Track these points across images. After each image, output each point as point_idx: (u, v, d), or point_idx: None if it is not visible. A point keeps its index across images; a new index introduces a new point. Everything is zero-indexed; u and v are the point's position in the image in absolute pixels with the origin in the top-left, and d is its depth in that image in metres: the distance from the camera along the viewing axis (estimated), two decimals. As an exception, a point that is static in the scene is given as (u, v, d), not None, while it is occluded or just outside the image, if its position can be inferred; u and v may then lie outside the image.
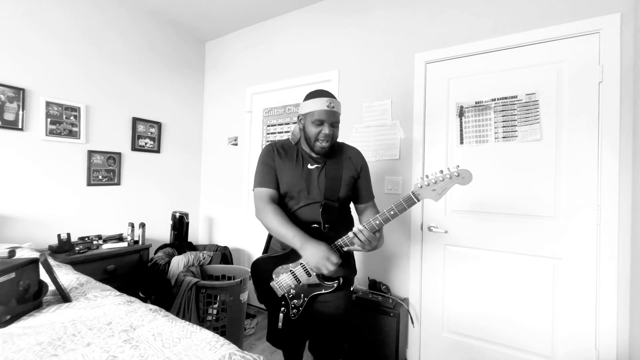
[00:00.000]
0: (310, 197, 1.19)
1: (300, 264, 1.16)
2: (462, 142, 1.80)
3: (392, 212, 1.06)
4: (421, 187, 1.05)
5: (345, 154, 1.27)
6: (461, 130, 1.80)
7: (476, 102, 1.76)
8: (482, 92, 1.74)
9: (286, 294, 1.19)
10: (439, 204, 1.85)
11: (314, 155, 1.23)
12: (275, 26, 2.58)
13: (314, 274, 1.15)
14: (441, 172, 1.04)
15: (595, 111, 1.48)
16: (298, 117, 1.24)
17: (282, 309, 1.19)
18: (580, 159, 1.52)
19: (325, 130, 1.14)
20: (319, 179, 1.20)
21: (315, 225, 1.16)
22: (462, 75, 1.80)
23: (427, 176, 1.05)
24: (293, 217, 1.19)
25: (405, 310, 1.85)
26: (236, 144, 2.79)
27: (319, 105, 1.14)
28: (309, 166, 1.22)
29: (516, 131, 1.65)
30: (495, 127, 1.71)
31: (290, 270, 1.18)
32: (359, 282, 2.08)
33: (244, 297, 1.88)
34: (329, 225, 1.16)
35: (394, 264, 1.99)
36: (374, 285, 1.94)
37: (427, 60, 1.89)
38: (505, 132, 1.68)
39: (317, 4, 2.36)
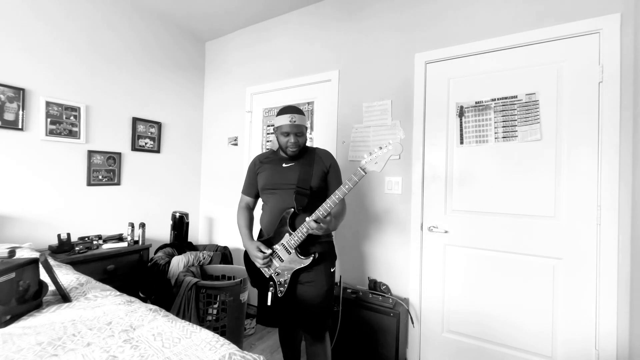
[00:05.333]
0: (285, 187, 1.42)
1: (281, 243, 1.36)
2: (462, 142, 1.80)
3: (347, 187, 1.25)
4: (366, 162, 1.25)
5: (316, 155, 1.49)
6: (461, 130, 1.80)
7: (476, 102, 1.76)
8: (482, 92, 1.74)
9: (273, 274, 1.39)
10: (439, 205, 1.86)
11: (288, 157, 1.47)
12: (276, 26, 2.58)
13: (293, 250, 1.34)
14: (380, 148, 1.24)
15: (595, 111, 1.48)
16: (273, 129, 1.46)
17: (271, 288, 1.39)
18: (580, 158, 1.52)
19: (291, 139, 1.39)
20: (293, 173, 1.43)
21: (291, 209, 1.36)
22: (462, 75, 1.80)
23: (370, 153, 1.25)
24: (274, 206, 1.43)
25: (405, 310, 1.85)
26: (236, 144, 2.79)
27: (284, 120, 1.39)
28: (284, 165, 1.47)
29: (516, 131, 1.65)
30: (495, 127, 1.71)
31: (274, 251, 1.38)
32: (359, 282, 2.08)
33: (244, 297, 1.88)
34: (302, 209, 1.37)
35: (394, 264, 1.99)
36: (374, 285, 1.94)
37: (427, 60, 1.89)
38: (505, 132, 1.68)
39: (317, 4, 2.36)
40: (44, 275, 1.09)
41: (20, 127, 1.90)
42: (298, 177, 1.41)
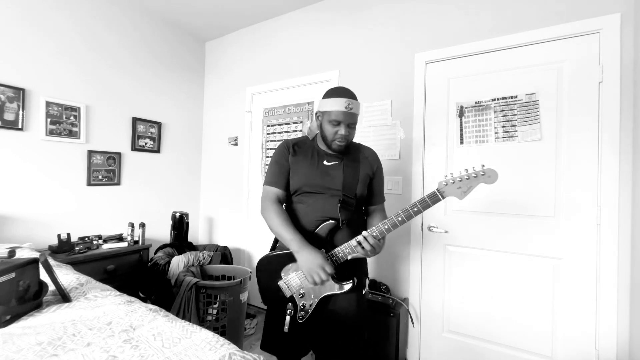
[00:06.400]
0: (327, 192, 1.16)
1: None
2: (462, 142, 1.80)
3: (415, 209, 1.03)
4: (446, 184, 1.03)
5: (362, 154, 1.26)
6: (461, 130, 1.80)
7: (476, 102, 1.76)
8: (482, 92, 1.74)
9: (295, 295, 1.13)
10: (439, 205, 1.84)
11: (330, 152, 1.22)
12: (276, 26, 2.58)
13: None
14: (466, 170, 1.03)
15: (595, 111, 1.48)
16: (316, 113, 1.22)
17: (289, 310, 1.12)
18: (580, 159, 1.51)
19: (342, 131, 1.13)
20: (336, 175, 1.18)
21: (332, 220, 1.12)
22: (462, 75, 1.80)
23: (452, 174, 1.04)
24: (310, 213, 1.16)
25: (405, 310, 1.85)
26: (236, 144, 2.79)
27: (337, 105, 1.12)
28: (325, 162, 1.20)
29: (516, 131, 1.65)
30: (495, 127, 1.71)
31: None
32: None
33: (244, 297, 1.88)
34: (347, 222, 1.14)
35: (394, 263, 1.99)
36: (374, 285, 1.94)
37: (427, 60, 1.89)
38: (505, 132, 1.68)
39: (317, 4, 2.35)
40: (44, 275, 1.09)
41: (20, 127, 1.89)
42: (343, 181, 1.16)
